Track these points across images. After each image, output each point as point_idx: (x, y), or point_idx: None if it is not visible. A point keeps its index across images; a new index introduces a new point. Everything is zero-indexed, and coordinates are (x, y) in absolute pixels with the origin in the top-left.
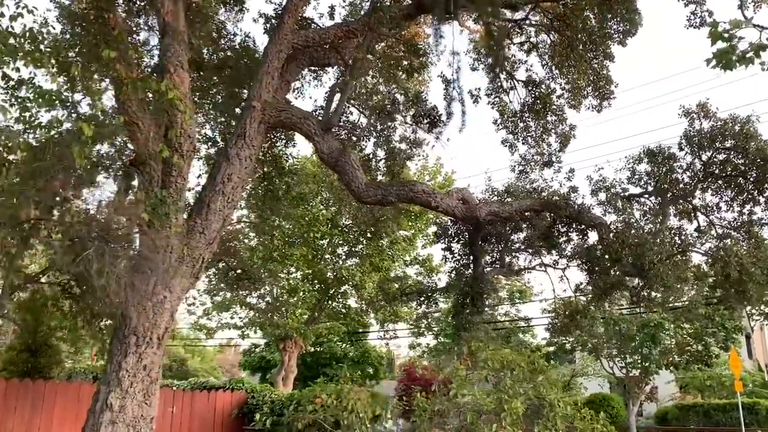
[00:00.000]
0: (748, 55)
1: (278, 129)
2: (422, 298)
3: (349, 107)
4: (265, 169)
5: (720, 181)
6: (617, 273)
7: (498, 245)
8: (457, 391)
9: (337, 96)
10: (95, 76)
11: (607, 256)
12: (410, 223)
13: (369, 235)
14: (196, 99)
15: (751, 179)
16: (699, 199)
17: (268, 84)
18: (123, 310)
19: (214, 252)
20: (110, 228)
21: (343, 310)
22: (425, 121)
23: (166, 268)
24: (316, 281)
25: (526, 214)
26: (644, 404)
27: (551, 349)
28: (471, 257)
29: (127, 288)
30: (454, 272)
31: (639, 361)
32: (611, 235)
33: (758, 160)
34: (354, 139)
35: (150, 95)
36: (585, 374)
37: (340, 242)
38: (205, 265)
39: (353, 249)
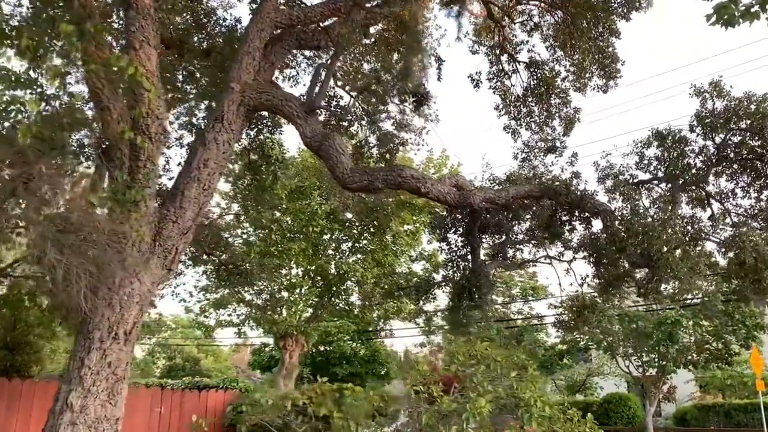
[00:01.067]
0: (753, 9)
1: (266, 115)
2: (419, 294)
3: (334, 89)
4: (252, 157)
5: (735, 165)
6: (623, 264)
7: (497, 236)
8: (409, 388)
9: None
10: (55, 56)
11: (612, 246)
12: (414, 217)
13: (372, 229)
14: (179, 84)
15: None
16: (713, 185)
17: (249, 65)
18: (81, 303)
19: (190, 242)
20: (60, 215)
21: (347, 308)
22: (411, 99)
23: (135, 259)
24: (318, 277)
25: (525, 201)
26: (663, 404)
27: (564, 347)
28: (469, 249)
29: (83, 279)
30: (450, 265)
31: (656, 360)
32: (616, 222)
33: None
34: (345, 124)
35: (120, 75)
36: (601, 374)
37: (344, 238)
38: (179, 256)
39: (356, 244)
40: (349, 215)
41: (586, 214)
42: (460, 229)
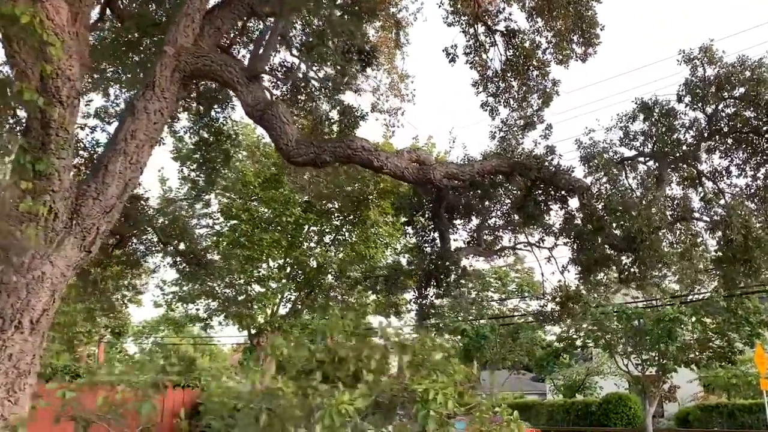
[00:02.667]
0: None
1: (216, 87)
2: (388, 284)
3: (288, 59)
4: (202, 135)
5: (729, 140)
6: (604, 247)
7: (469, 219)
8: (222, 385)
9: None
10: None
11: (589, 225)
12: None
13: (353, 219)
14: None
15: (767, 135)
16: (706, 163)
17: (187, 27)
18: None
19: (114, 221)
20: None
21: (328, 303)
22: (356, 58)
23: (47, 239)
24: (299, 271)
25: (494, 178)
26: (666, 405)
27: (561, 345)
28: (437, 233)
29: None
30: (416, 250)
31: (656, 358)
32: (593, 199)
33: None
34: (302, 98)
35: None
36: (601, 373)
37: (327, 230)
38: (101, 236)
39: (338, 237)
40: (328, 205)
41: (562, 192)
42: (428, 212)
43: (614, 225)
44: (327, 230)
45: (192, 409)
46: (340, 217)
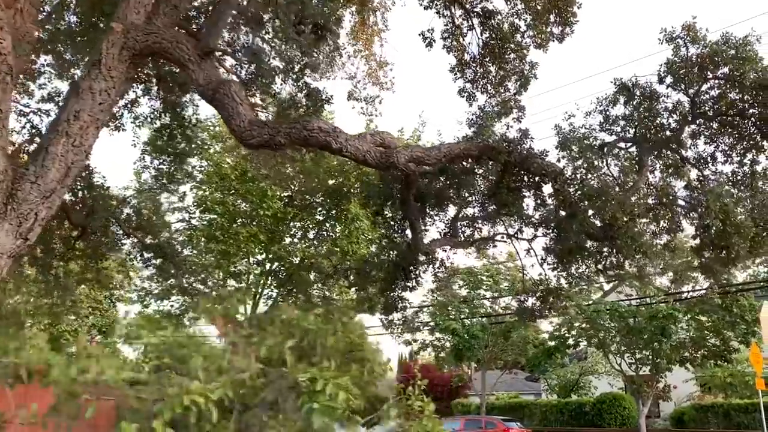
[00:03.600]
0: None
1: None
2: (361, 277)
3: (242, 32)
4: (164, 121)
5: (714, 125)
6: (580, 235)
7: (443, 209)
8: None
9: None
10: None
11: (562, 211)
12: None
13: (334, 212)
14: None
15: (753, 118)
16: (691, 149)
17: (138, 4)
18: None
19: (56, 208)
20: None
21: (309, 301)
22: (308, 30)
23: None
24: (281, 266)
25: (465, 164)
26: (661, 405)
27: (553, 343)
28: (407, 222)
29: None
30: (386, 241)
31: (650, 357)
32: (566, 185)
33: (759, 94)
34: (266, 80)
35: None
36: (595, 372)
37: (310, 225)
38: (40, 223)
39: (320, 231)
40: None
41: (536, 177)
42: (398, 201)
43: (589, 212)
44: (310, 225)
45: None
46: (323, 212)
